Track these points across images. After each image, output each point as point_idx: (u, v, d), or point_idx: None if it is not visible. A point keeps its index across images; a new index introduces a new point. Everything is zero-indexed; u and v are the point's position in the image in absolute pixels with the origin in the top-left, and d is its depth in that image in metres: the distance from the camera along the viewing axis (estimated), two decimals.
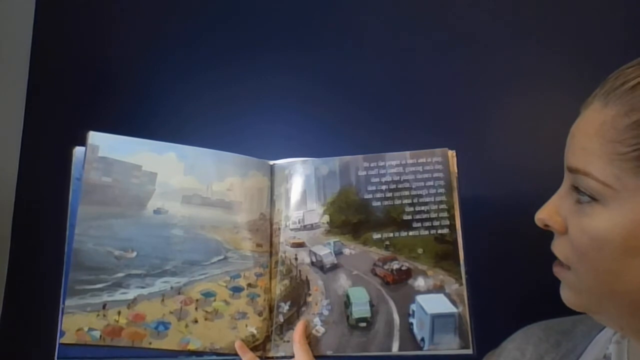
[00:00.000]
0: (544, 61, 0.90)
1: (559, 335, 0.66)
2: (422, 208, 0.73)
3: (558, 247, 0.56)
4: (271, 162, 0.79)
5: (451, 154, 0.74)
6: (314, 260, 0.74)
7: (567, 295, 0.56)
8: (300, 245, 0.74)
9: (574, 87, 0.58)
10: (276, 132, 0.99)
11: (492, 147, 0.91)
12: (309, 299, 0.72)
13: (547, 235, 0.59)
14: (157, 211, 0.72)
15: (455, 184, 0.73)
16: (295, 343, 0.69)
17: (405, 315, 0.70)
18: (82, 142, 0.70)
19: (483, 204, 0.86)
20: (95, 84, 1.08)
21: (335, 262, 0.73)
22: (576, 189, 0.52)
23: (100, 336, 0.66)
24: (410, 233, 0.73)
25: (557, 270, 0.56)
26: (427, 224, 0.72)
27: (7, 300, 1.06)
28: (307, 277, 0.73)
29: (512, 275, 0.85)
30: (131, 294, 0.68)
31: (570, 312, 0.68)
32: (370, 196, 0.74)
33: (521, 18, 0.92)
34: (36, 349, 1.00)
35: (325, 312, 0.71)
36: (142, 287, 0.69)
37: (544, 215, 0.56)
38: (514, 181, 0.88)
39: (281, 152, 0.96)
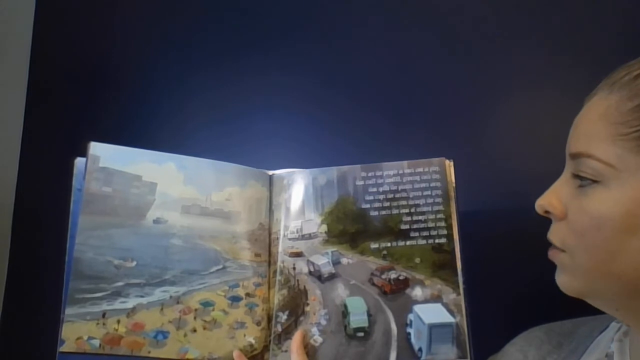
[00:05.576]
0: (546, 67, 0.89)
1: (560, 336, 0.67)
2: (420, 217, 0.73)
3: (555, 233, 0.57)
4: (270, 172, 0.79)
5: (448, 163, 0.75)
6: (311, 269, 0.74)
7: (562, 280, 0.57)
8: (298, 254, 0.75)
9: (575, 96, 0.59)
10: (276, 133, 1.00)
11: (491, 156, 0.91)
12: (307, 308, 0.73)
13: (546, 244, 0.59)
14: (156, 221, 0.72)
15: (452, 193, 0.73)
16: (293, 353, 0.69)
17: (403, 325, 0.70)
18: (83, 152, 0.71)
19: (481, 212, 0.86)
20: (95, 84, 1.09)
21: (333, 271, 0.73)
22: (577, 176, 0.54)
23: (100, 345, 0.67)
24: (408, 242, 0.73)
25: (552, 254, 0.57)
26: (425, 233, 0.73)
27: (6, 308, 1.07)
28: (305, 286, 0.74)
29: (511, 285, 0.85)
30: (130, 303, 0.69)
31: (568, 317, 0.68)
32: (367, 206, 0.75)
33: (521, 23, 0.92)
34: (36, 357, 1.00)
35: (323, 322, 0.72)
36: (142, 296, 0.69)
37: (544, 201, 0.58)
38: (513, 190, 0.88)
39: (282, 152, 0.97)
